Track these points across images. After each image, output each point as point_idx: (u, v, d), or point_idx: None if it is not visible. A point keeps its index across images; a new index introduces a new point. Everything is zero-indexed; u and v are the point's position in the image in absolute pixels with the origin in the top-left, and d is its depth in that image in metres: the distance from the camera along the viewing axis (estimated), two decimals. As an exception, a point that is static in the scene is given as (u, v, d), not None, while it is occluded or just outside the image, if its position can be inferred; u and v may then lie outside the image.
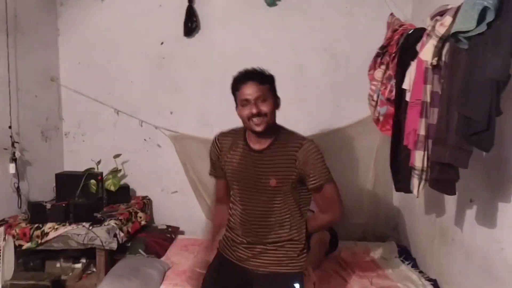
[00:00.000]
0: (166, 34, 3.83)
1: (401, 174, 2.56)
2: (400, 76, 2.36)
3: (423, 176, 2.06)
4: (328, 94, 3.77)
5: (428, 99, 1.94)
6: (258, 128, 1.86)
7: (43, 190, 3.49)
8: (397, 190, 2.72)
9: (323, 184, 1.92)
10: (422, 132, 1.99)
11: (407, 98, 2.26)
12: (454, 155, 1.70)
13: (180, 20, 3.75)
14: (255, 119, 1.84)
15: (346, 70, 3.73)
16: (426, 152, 1.99)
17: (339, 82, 3.75)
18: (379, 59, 2.74)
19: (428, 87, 1.92)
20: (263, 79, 1.87)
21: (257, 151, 1.94)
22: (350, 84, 3.70)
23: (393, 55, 2.51)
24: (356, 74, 3.57)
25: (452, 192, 1.91)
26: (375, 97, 2.74)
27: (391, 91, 2.56)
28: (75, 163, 3.82)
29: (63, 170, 3.83)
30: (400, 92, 2.40)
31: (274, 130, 1.94)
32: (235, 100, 1.93)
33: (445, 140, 1.74)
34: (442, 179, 1.87)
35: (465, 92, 1.58)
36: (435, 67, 1.89)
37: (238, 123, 3.67)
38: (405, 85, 2.27)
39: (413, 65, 2.18)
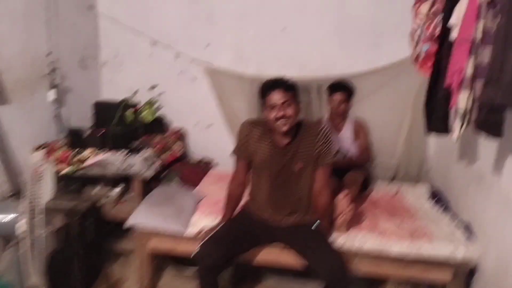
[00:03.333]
0: (203, -38, 3.70)
1: (435, 115, 2.48)
2: (448, 11, 2.20)
3: (466, 119, 1.98)
4: (369, 31, 3.63)
5: (479, 37, 1.81)
6: (284, 128, 2.16)
7: (81, 118, 3.56)
8: (429, 130, 2.62)
9: (329, 163, 2.33)
10: (469, 71, 1.88)
11: (454, 35, 2.13)
12: (507, 96, 1.60)
13: None
14: (281, 121, 2.14)
15: (389, 6, 3.54)
16: (471, 93, 1.89)
17: (381, 19, 3.59)
18: (426, -8, 2.56)
19: (481, 23, 1.79)
20: (288, 87, 2.16)
21: (282, 146, 2.27)
22: (392, 22, 3.54)
23: (443, -13, 2.34)
24: (400, 11, 3.38)
25: (499, 133, 1.82)
26: (418, 33, 2.59)
27: (436, 27, 2.41)
28: (112, 93, 3.86)
29: (101, 99, 3.89)
30: (446, 28, 2.26)
31: (295, 127, 2.24)
32: (263, 104, 2.22)
33: (498, 80, 1.64)
34: (490, 121, 1.78)
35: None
36: (491, 2, 1.75)
37: (272, 59, 3.58)
38: (452, 21, 2.12)
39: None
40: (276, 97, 2.13)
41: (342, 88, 3.39)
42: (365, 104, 3.64)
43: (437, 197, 3.29)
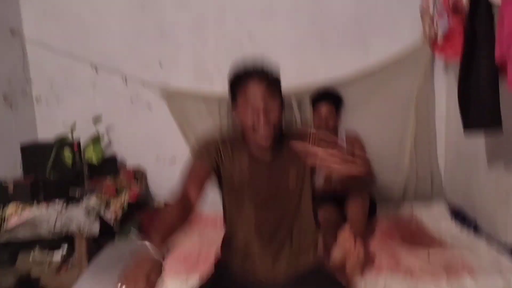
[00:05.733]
0: (147, -34, 3.14)
1: (477, 106, 1.94)
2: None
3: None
4: (353, 29, 3.14)
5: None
6: (264, 142, 1.56)
7: (9, 167, 2.83)
8: (468, 126, 2.06)
9: None
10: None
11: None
12: None
13: None
14: (261, 130, 1.53)
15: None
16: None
17: (366, 13, 3.11)
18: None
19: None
20: (272, 81, 1.54)
21: (265, 161, 1.66)
22: (380, 14, 3.08)
23: None
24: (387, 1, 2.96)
25: None
26: (431, 8, 2.04)
27: (459, -6, 1.87)
28: (50, 132, 3.13)
29: (36, 140, 3.18)
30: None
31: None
32: (232, 99, 1.59)
33: None
34: None
35: None
36: None
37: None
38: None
39: None
40: (256, 96, 1.51)
41: (328, 98, 2.89)
42: (357, 115, 3.10)
43: (460, 216, 2.73)
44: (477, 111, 1.88)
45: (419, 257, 2.22)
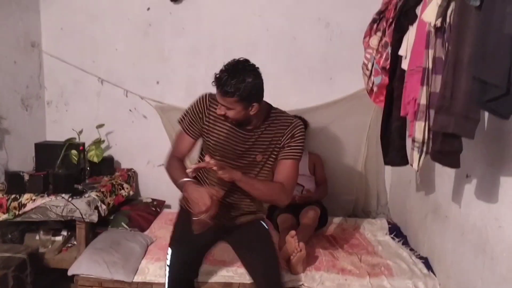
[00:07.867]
0: (152, -1, 3.64)
1: (391, 147, 2.47)
2: (397, 42, 2.22)
3: (424, 149, 1.94)
4: (321, 66, 3.65)
5: (430, 66, 1.80)
6: (232, 123, 1.90)
7: (22, 161, 3.32)
8: (386, 163, 2.62)
9: (295, 158, 1.94)
10: (423, 101, 1.86)
11: (404, 65, 2.13)
12: (460, 125, 1.57)
13: (167, -16, 3.56)
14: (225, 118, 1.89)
15: (340, 41, 3.59)
16: (427, 123, 1.87)
17: (333, 54, 3.62)
18: (375, 25, 2.59)
19: (430, 52, 1.79)
20: (226, 93, 1.77)
21: (246, 130, 1.93)
22: (344, 56, 3.57)
23: (391, 20, 2.36)
24: (350, 45, 3.46)
25: (456, 164, 1.79)
26: (369, 66, 2.60)
27: (386, 59, 2.42)
28: (57, 134, 3.63)
29: (45, 140, 3.67)
30: (396, 59, 2.27)
31: (264, 112, 1.93)
32: None
33: (450, 109, 1.60)
34: (445, 150, 1.74)
35: (479, 53, 1.42)
36: (438, 30, 1.75)
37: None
38: (401, 51, 2.14)
39: (412, 30, 2.05)
40: (218, 96, 1.83)
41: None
42: (319, 138, 3.63)
43: (394, 232, 3.26)
44: (391, 152, 2.43)
45: (352, 260, 2.73)
